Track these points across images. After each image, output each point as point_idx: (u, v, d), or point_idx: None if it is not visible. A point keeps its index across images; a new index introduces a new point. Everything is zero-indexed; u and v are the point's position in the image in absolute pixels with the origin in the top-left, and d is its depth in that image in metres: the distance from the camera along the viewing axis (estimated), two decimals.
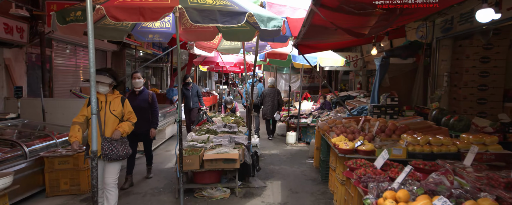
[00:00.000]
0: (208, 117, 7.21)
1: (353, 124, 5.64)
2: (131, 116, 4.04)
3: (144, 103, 5.28)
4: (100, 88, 3.77)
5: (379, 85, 6.70)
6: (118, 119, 3.90)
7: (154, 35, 5.29)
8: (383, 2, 2.99)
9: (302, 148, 8.33)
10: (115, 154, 3.76)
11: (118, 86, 3.99)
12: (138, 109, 4.78)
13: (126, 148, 3.89)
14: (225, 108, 9.35)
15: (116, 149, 3.75)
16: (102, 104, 3.82)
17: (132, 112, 4.04)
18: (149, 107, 5.35)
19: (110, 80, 3.84)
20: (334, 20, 3.76)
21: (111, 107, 3.85)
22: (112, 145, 3.75)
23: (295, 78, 15.69)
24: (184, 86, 8.73)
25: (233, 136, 5.68)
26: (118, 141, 3.81)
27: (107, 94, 3.88)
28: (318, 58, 8.00)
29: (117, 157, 3.78)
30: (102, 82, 3.74)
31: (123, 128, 3.87)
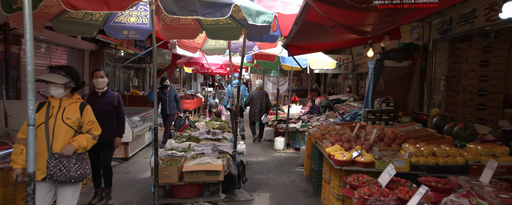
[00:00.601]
0: (191, 121, 6.65)
1: (347, 130, 5.20)
2: (93, 127, 3.25)
3: (108, 106, 4.47)
4: (52, 91, 3.05)
5: (373, 89, 6.29)
6: (73, 130, 3.11)
7: (129, 32, 4.72)
8: (383, 2, 2.92)
9: (291, 155, 7.85)
10: (64, 175, 2.96)
11: (78, 89, 3.26)
12: (101, 113, 4.07)
13: (82, 167, 3.09)
14: (210, 112, 8.80)
15: (66, 169, 2.97)
16: (53, 110, 3.07)
17: (94, 122, 3.26)
18: (114, 111, 4.53)
19: (65, 81, 3.06)
20: (332, 15, 3.30)
21: (65, 114, 3.08)
22: (61, 163, 2.97)
23: (283, 81, 15.25)
24: (161, 90, 8.09)
25: (217, 143, 5.15)
26: (70, 158, 3.02)
27: (62, 99, 3.13)
28: (309, 60, 7.56)
29: (67, 178, 2.98)
30: (54, 83, 3.00)
31: (79, 142, 3.06)
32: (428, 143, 4.03)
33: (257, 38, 5.79)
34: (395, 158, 3.78)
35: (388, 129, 4.87)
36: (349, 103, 9.65)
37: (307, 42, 5.98)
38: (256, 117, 9.10)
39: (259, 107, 9.06)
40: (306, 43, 6.09)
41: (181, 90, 14.89)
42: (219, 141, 5.41)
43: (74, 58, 10.18)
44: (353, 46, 7.41)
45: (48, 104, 3.12)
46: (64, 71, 3.11)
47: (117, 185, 5.47)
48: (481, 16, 4.71)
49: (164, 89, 8.10)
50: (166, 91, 8.11)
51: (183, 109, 11.83)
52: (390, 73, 6.28)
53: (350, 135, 5.02)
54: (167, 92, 8.11)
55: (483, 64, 5.54)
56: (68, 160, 3.01)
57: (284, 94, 13.40)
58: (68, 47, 9.72)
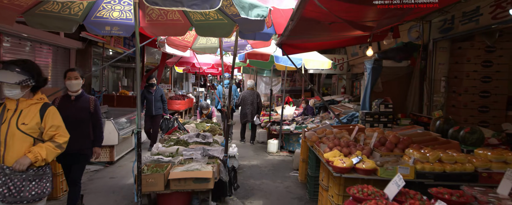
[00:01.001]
0: (180, 123, 6.29)
1: (345, 134, 4.89)
2: (57, 133, 2.70)
3: (83, 112, 3.81)
4: (6, 92, 2.57)
5: (371, 90, 6.01)
6: (32, 138, 2.60)
7: (112, 28, 4.34)
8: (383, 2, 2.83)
9: (285, 158, 7.53)
10: (13, 195, 2.45)
11: (40, 87, 2.78)
12: (74, 120, 3.59)
13: (40, 185, 2.56)
14: (201, 113, 8.44)
15: (16, 188, 2.44)
16: (7, 114, 2.58)
17: (59, 126, 2.72)
18: (90, 117, 3.86)
19: (20, 79, 2.56)
20: (333, 9, 2.99)
21: (21, 119, 2.57)
22: (11, 181, 2.46)
23: (276, 81, 14.94)
24: (146, 89, 7.63)
25: (207, 147, 4.81)
26: (24, 174, 2.50)
27: (19, 100, 2.64)
28: (303, 59, 7.25)
29: (16, 200, 2.46)
30: (7, 82, 2.52)
31: (36, 153, 2.53)
32: (433, 148, 3.74)
33: (250, 36, 5.47)
34: (398, 165, 3.49)
35: (389, 133, 4.59)
36: (344, 104, 9.38)
37: (303, 41, 5.67)
38: (248, 118, 8.84)
39: (251, 108, 8.81)
40: (301, 41, 5.78)
41: (172, 90, 14.48)
42: (210, 145, 5.07)
43: (59, 57, 9.72)
44: (351, 45, 7.13)
45: (4, 106, 2.65)
46: (19, 67, 2.60)
47: (99, 192, 5.09)
48: (487, 14, 4.45)
49: (149, 88, 7.62)
50: (151, 91, 7.63)
51: (173, 109, 11.45)
52: (388, 73, 6.00)
53: (347, 138, 4.72)
54: (153, 91, 7.63)
55: (486, 65, 5.29)
56: (21, 176, 2.50)
57: (277, 95, 13.09)
58: (53, 46, 9.26)
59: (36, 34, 7.89)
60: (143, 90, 7.51)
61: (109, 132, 6.46)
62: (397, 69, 5.98)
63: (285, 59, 7.20)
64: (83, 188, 5.24)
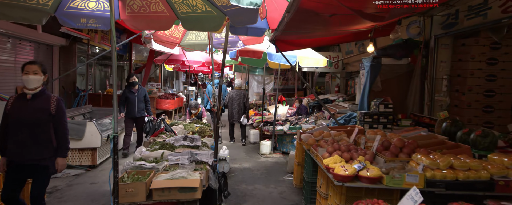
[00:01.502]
0: (167, 125, 5.84)
1: (344, 136, 4.52)
2: None
3: (41, 113, 3.19)
4: None
5: (370, 89, 5.64)
6: None
7: (89, 20, 3.88)
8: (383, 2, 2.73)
9: (278, 160, 7.14)
10: None
11: None
12: (29, 123, 3.12)
13: None
14: (190, 113, 7.98)
15: None
16: None
17: None
18: (51, 120, 3.24)
19: None
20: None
21: None
22: None
23: (269, 79, 14.55)
24: (127, 89, 6.99)
25: (195, 151, 4.38)
26: None
27: None
28: (298, 57, 6.86)
29: None
30: None
31: None
32: (442, 153, 3.38)
33: (241, 31, 5.06)
34: (406, 172, 3.12)
35: (392, 135, 4.22)
36: (338, 103, 9.03)
37: (298, 37, 5.28)
38: (235, 118, 8.53)
39: (237, 107, 8.51)
40: (296, 37, 5.39)
41: (162, 89, 13.97)
42: (198, 148, 4.64)
43: (42, 55, 9.15)
44: (349, 41, 6.75)
45: None
46: None
47: (77, 200, 4.63)
48: (496, 7, 4.11)
49: (131, 87, 6.99)
50: (133, 90, 7.00)
51: (162, 109, 10.96)
52: (387, 72, 5.65)
53: (347, 141, 4.34)
54: (136, 91, 7.01)
55: (491, 62, 4.97)
56: None
57: (269, 94, 12.69)
58: (34, 42, 8.70)
59: (16, 30, 7.36)
60: (124, 90, 6.96)
61: (91, 133, 6.00)
62: (396, 67, 5.63)
63: (279, 57, 6.80)
64: (60, 195, 4.79)
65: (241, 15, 3.44)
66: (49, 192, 4.90)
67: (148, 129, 6.26)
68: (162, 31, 6.49)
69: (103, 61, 13.38)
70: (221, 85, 4.49)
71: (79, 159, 5.96)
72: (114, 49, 3.11)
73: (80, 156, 5.96)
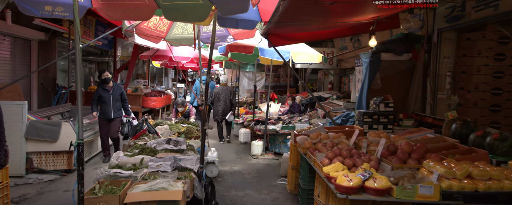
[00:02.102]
0: (150, 125, 5.33)
1: (343, 139, 4.09)
2: None
3: None
4: None
5: (369, 87, 5.22)
6: None
7: (54, 8, 3.35)
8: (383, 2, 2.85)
9: (270, 161, 6.70)
10: None
11: None
12: None
13: None
14: (177, 112, 7.47)
15: None
16: None
17: None
18: None
19: None
20: None
21: None
22: None
23: (260, 76, 14.07)
24: (100, 86, 6.13)
25: (179, 156, 3.90)
26: None
27: None
28: (291, 52, 6.40)
29: None
30: None
31: None
32: (457, 160, 2.98)
33: (231, 23, 4.58)
34: (418, 182, 2.71)
35: (396, 137, 3.82)
36: (332, 100, 8.63)
37: (293, 29, 4.82)
38: (220, 115, 8.09)
39: (223, 105, 8.06)
40: (291, 30, 4.94)
41: (149, 86, 13.38)
42: (183, 153, 4.15)
43: (19, 50, 8.49)
44: (347, 35, 6.27)
45: None
46: None
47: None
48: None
49: (104, 84, 6.11)
50: (107, 88, 6.10)
51: (148, 107, 10.40)
52: (387, 68, 5.24)
53: (348, 144, 3.92)
54: (110, 89, 6.11)
55: (499, 58, 4.59)
56: None
57: (261, 91, 12.23)
58: (9, 36, 8.04)
59: None
60: (97, 88, 6.16)
61: (67, 135, 5.46)
62: (397, 63, 5.22)
63: (271, 52, 6.33)
64: None
65: (230, 2, 2.95)
66: (16, 201, 4.36)
67: (127, 131, 5.66)
68: (145, 24, 5.96)
69: (87, 57, 12.72)
70: (208, 82, 4.01)
71: (53, 163, 5.41)
72: (78, 41, 2.60)
73: (54, 159, 5.41)
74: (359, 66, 6.74)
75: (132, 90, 10.54)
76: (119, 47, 12.63)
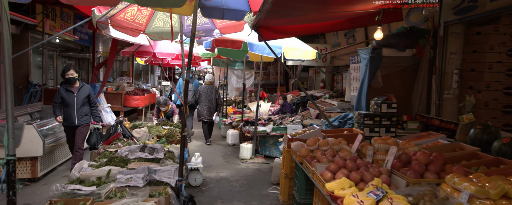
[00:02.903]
0: (125, 128, 4.68)
1: (344, 145, 3.53)
2: None
3: None
4: None
5: (369, 86, 4.69)
6: None
7: None
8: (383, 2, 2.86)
9: (260, 166, 6.12)
10: None
11: None
12: None
13: None
14: (159, 111, 6.81)
15: None
16: None
17: None
18: None
19: None
20: None
21: None
22: None
23: (249, 74, 13.47)
24: (63, 86, 4.98)
25: (155, 167, 3.28)
26: None
27: None
28: (283, 48, 5.81)
29: None
30: None
31: None
32: (485, 173, 2.45)
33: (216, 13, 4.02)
34: None
35: (405, 144, 3.27)
36: (325, 100, 8.10)
37: (286, 21, 4.24)
38: (205, 115, 7.60)
39: (208, 104, 7.60)
40: (284, 22, 4.36)
41: (133, 84, 12.63)
42: (159, 162, 3.53)
43: None
44: (347, 28, 5.64)
45: None
46: None
47: None
48: None
49: (68, 85, 4.93)
50: (72, 89, 4.92)
51: (130, 106, 9.68)
52: (389, 65, 4.72)
53: (349, 151, 3.36)
54: (75, 90, 4.93)
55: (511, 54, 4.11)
56: None
57: (250, 90, 11.62)
58: None
59: None
60: (59, 88, 5.01)
61: (30, 139, 4.76)
62: (399, 59, 4.70)
63: (261, 47, 5.74)
64: None
65: None
66: None
67: (95, 141, 4.73)
68: (121, 15, 5.30)
69: (67, 53, 11.88)
70: (187, 81, 3.40)
71: None
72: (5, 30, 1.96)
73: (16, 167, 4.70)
74: (355, 63, 6.22)
75: (114, 89, 9.82)
76: (101, 43, 11.84)
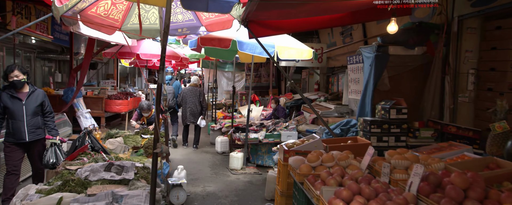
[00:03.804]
0: (95, 140, 3.97)
1: (352, 160, 2.91)
2: None
3: None
4: None
5: (374, 88, 4.09)
6: None
7: None
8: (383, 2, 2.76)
9: (252, 177, 5.47)
10: None
11: None
12: None
13: None
14: (140, 117, 6.12)
15: None
16: None
17: None
18: None
19: None
20: None
21: None
22: None
23: (240, 76, 12.82)
24: (6, 91, 3.74)
25: (122, 191, 2.61)
26: None
27: None
28: (276, 47, 5.18)
29: None
30: None
31: None
32: None
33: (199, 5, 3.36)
34: None
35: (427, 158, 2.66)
36: (320, 103, 7.51)
37: (279, 14, 3.62)
38: (188, 119, 7.22)
39: (191, 107, 7.20)
40: (277, 15, 3.74)
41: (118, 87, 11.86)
42: (128, 184, 2.84)
43: None
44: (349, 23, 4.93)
45: None
46: None
47: None
48: None
49: (13, 90, 3.75)
50: (19, 95, 3.76)
51: (113, 112, 8.91)
52: (397, 65, 4.13)
53: (359, 168, 2.75)
54: (24, 97, 3.77)
55: None
56: None
57: (241, 92, 10.97)
58: None
59: None
60: (1, 94, 3.73)
61: None
62: (408, 58, 4.12)
63: (252, 46, 5.11)
64: None
65: None
66: None
67: (52, 159, 3.60)
68: (93, 9, 4.61)
69: (47, 55, 11.05)
70: (160, 84, 2.75)
71: None
72: None
73: None
74: (353, 63, 5.64)
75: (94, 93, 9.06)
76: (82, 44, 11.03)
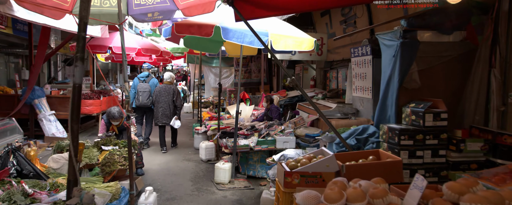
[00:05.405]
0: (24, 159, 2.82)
1: (392, 196, 1.88)
2: None
3: None
4: None
5: (400, 86, 3.08)
6: None
7: None
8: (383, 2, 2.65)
9: (242, 194, 4.43)
10: None
11: None
12: None
13: None
14: (109, 125, 4.96)
15: None
16: None
17: None
18: None
19: None
20: None
21: None
22: None
23: (228, 72, 11.70)
24: None
25: None
26: None
27: None
28: (271, 35, 4.11)
29: None
30: None
31: None
32: None
33: None
34: None
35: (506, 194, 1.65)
36: (317, 101, 6.50)
37: None
38: (160, 120, 6.52)
39: (163, 107, 6.54)
40: None
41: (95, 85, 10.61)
42: None
43: None
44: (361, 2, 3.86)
45: None
46: None
47: None
48: None
49: None
50: None
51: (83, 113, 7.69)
52: (428, 55, 3.14)
53: None
54: None
55: None
56: None
57: (229, 90, 9.85)
58: None
59: None
60: None
61: None
62: (442, 47, 3.12)
63: (240, 34, 4.02)
64: None
65: None
66: None
67: None
68: None
69: (12, 49, 9.73)
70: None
71: None
72: None
73: None
74: (358, 56, 4.70)
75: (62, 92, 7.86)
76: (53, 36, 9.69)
